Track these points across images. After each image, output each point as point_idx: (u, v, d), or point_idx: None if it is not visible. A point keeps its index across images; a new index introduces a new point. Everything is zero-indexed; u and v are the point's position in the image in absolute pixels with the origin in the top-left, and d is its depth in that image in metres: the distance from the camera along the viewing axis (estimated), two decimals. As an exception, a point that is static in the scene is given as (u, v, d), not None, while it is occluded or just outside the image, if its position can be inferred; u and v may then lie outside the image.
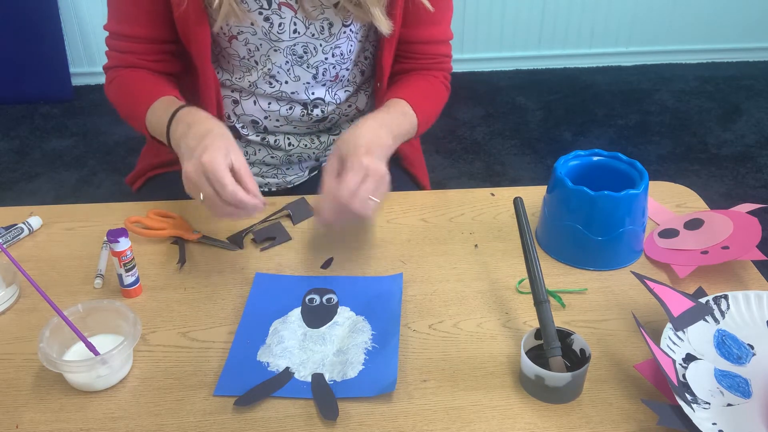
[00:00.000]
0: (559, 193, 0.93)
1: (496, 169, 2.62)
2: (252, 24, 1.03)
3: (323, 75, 1.11)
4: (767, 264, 0.93)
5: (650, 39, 3.32)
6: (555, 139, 2.80)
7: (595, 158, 0.98)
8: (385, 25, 1.03)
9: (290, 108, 1.13)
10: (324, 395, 0.75)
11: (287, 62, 1.08)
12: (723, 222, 0.97)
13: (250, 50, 1.07)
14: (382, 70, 1.12)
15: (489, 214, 1.06)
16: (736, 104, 3.03)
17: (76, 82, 3.10)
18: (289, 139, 1.18)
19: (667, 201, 1.08)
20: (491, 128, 2.88)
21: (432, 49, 1.15)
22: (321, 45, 1.07)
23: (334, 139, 1.23)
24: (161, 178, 1.21)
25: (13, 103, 3.03)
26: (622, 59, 3.36)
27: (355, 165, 0.87)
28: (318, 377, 0.78)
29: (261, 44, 1.06)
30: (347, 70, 1.13)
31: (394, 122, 1.00)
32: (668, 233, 0.99)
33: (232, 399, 0.75)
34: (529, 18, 3.21)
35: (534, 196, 1.07)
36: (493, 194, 1.10)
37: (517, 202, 0.86)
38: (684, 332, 0.79)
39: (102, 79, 1.11)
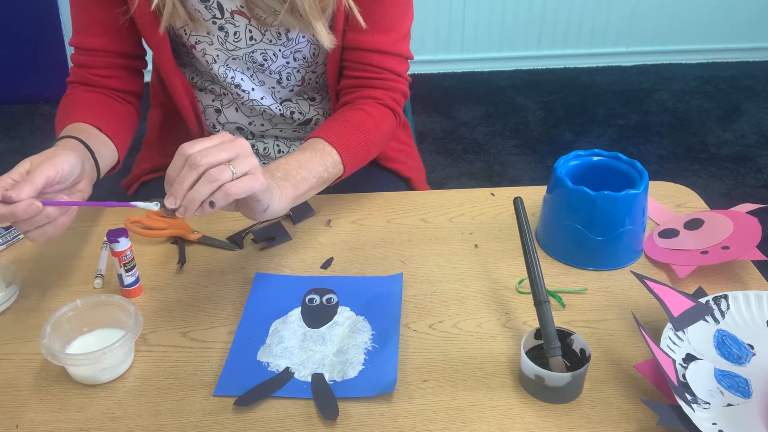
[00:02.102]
0: (559, 193, 0.93)
1: (496, 169, 2.62)
2: (208, 33, 1.02)
3: (288, 80, 1.09)
4: (767, 264, 0.93)
5: (650, 39, 3.32)
6: (555, 139, 2.80)
7: (595, 158, 0.98)
8: (326, 40, 0.98)
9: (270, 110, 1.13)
10: (324, 395, 0.75)
11: (248, 68, 1.07)
12: (723, 222, 0.97)
13: (207, 62, 1.06)
14: (328, 82, 1.09)
15: (489, 214, 1.06)
16: (736, 104, 3.03)
17: (76, 82, 3.10)
18: (278, 145, 1.18)
19: (667, 201, 1.08)
20: (491, 128, 2.88)
21: (377, 60, 1.04)
22: (281, 50, 1.05)
23: None
24: (155, 182, 1.22)
25: (13, 103, 3.02)
26: (622, 59, 3.36)
27: (213, 135, 0.76)
28: (318, 377, 0.78)
29: (218, 54, 1.05)
30: (313, 72, 1.10)
31: (294, 167, 0.89)
32: (668, 233, 0.99)
33: (232, 399, 0.75)
34: (529, 18, 3.21)
35: (534, 196, 1.07)
36: (493, 194, 1.10)
37: (517, 202, 0.86)
38: (684, 332, 0.79)
39: None
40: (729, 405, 0.72)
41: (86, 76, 1.05)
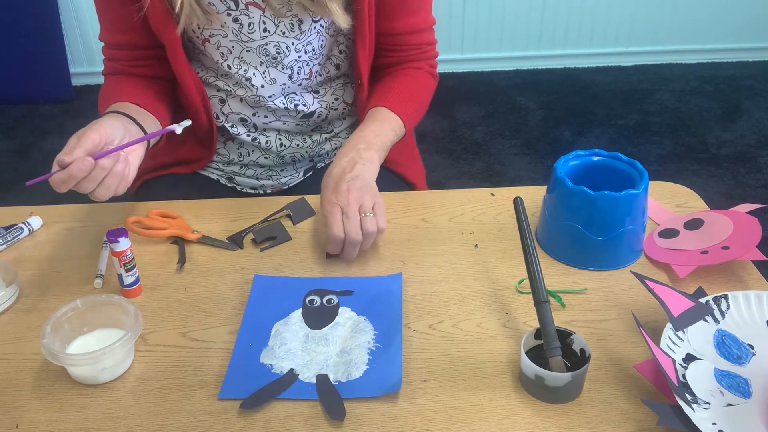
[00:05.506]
0: (559, 193, 0.93)
1: (496, 169, 2.62)
2: (222, 26, 1.03)
3: (298, 74, 1.11)
4: (767, 264, 0.93)
5: (650, 39, 3.32)
6: (555, 139, 2.80)
7: (595, 158, 0.98)
8: (342, 20, 1.02)
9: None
10: (330, 396, 0.75)
11: (262, 63, 1.08)
12: (723, 222, 0.97)
13: (222, 53, 1.07)
14: (359, 69, 1.12)
15: (489, 214, 1.06)
16: (736, 104, 3.03)
17: (76, 82, 3.10)
18: (280, 139, 1.18)
19: (667, 201, 1.08)
20: (491, 128, 2.88)
21: (415, 39, 1.14)
22: (293, 43, 1.07)
23: (326, 138, 1.22)
24: (157, 181, 1.22)
25: (13, 103, 3.03)
26: (622, 59, 3.36)
27: (349, 210, 0.92)
28: (323, 378, 0.78)
29: (233, 46, 1.06)
30: (320, 65, 1.13)
31: (371, 136, 1.02)
32: (668, 233, 0.99)
33: (234, 400, 0.75)
34: (529, 18, 3.21)
35: (534, 196, 1.07)
36: (493, 194, 1.10)
37: (517, 202, 0.86)
38: (684, 332, 0.79)
39: (102, 80, 1.14)
40: (729, 405, 0.72)
41: (117, 67, 1.11)
